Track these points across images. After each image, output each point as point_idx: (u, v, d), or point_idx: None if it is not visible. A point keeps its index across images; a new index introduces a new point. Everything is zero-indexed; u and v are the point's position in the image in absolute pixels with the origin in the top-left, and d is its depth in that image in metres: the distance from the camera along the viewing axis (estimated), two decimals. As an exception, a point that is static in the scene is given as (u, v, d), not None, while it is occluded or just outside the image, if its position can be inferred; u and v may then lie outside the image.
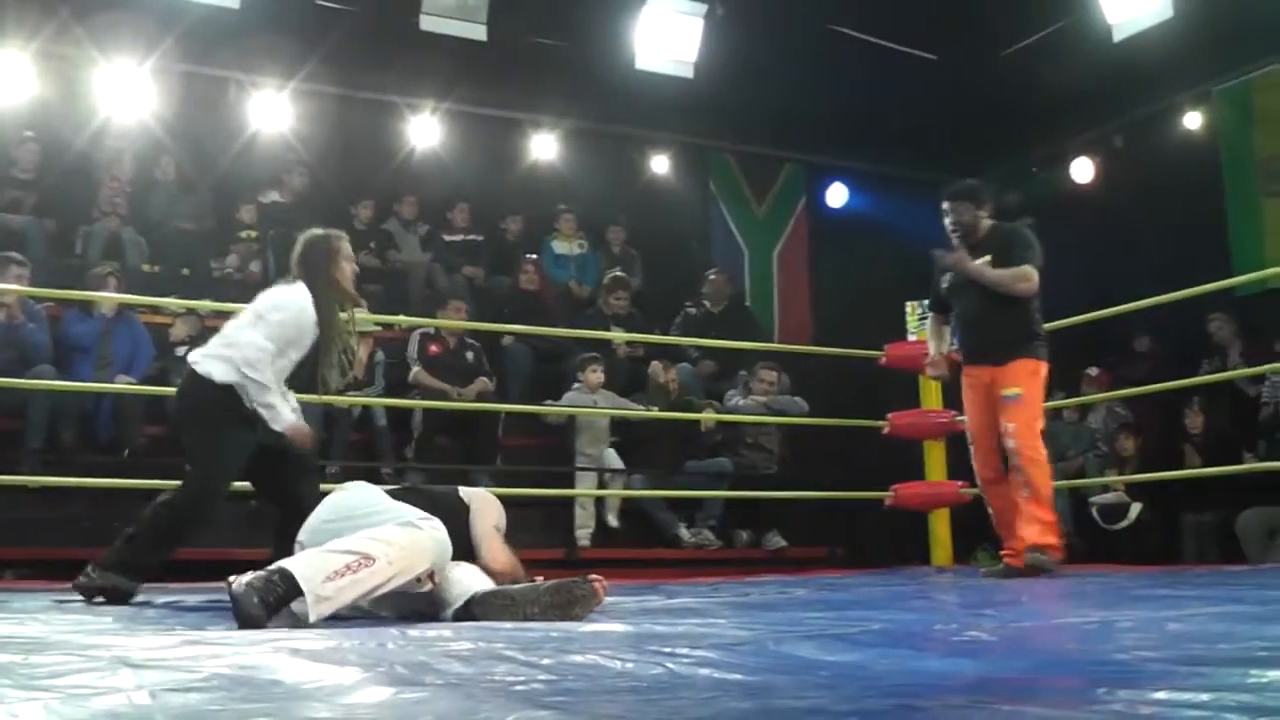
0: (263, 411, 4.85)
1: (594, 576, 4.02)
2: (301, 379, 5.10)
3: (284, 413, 4.91)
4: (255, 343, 4.86)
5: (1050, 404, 9.70)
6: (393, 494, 4.08)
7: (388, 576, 3.56)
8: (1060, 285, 10.95)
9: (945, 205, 6.52)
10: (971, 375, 6.43)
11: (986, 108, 11.13)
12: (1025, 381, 6.17)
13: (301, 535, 3.91)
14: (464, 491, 4.34)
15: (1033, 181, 12.66)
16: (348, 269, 5.19)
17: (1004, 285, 6.21)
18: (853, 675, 2.30)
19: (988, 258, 6.28)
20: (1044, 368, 6.32)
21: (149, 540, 4.92)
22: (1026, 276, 6.23)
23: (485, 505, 4.27)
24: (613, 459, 8.93)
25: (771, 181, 12.99)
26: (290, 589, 3.39)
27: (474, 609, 3.64)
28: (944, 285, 6.58)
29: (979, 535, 10.00)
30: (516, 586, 3.72)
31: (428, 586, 3.73)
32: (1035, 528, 6.15)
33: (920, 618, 3.71)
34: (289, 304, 4.99)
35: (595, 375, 9.02)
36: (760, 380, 9.61)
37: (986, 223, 6.46)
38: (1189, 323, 9.36)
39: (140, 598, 4.89)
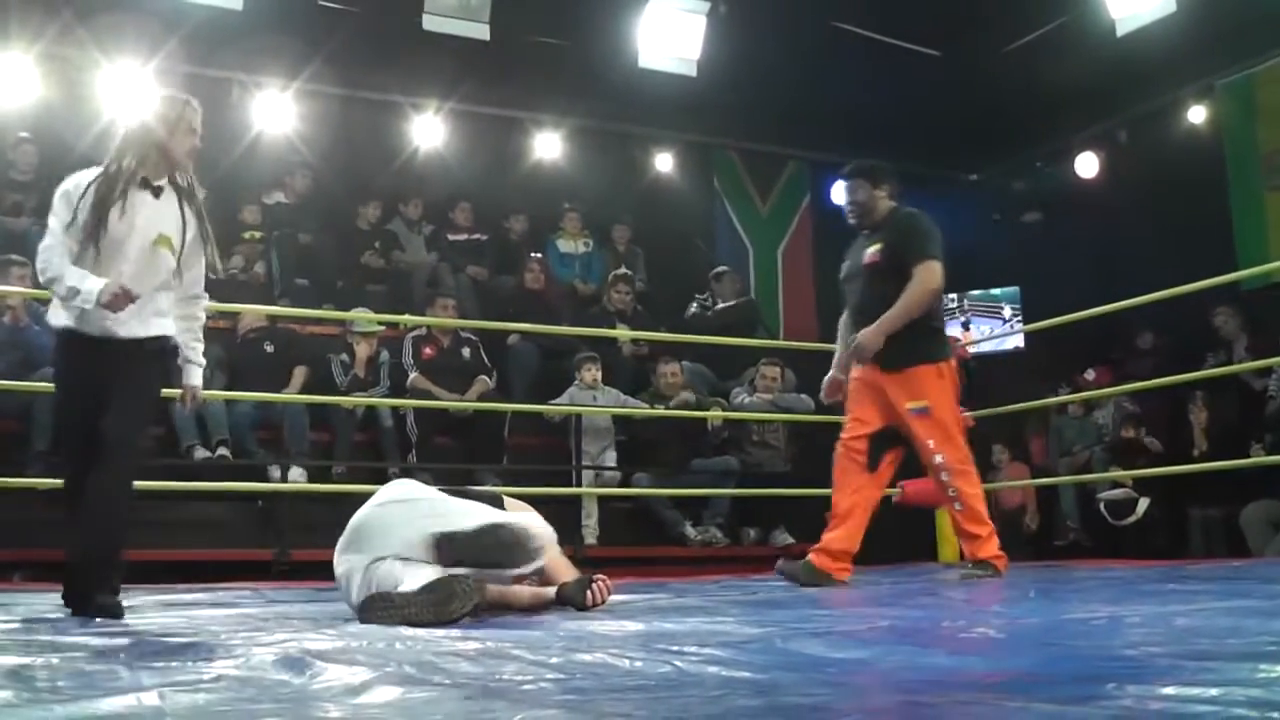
0: (74, 302, 4.28)
1: (599, 576, 4.03)
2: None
3: (88, 285, 4.24)
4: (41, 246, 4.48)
5: (1056, 399, 9.74)
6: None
7: None
8: (1065, 280, 11.04)
9: (842, 183, 6.07)
10: (862, 373, 5.79)
11: (990, 104, 11.12)
12: (931, 391, 5.62)
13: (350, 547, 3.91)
14: (509, 503, 4.24)
15: (1037, 177, 12.67)
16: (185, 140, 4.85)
17: (914, 310, 5.54)
18: (860, 672, 2.30)
19: (877, 246, 5.68)
20: (948, 368, 5.75)
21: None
22: (927, 284, 5.57)
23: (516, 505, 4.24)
24: (611, 461, 8.96)
25: (775, 179, 12.98)
26: None
27: (361, 614, 3.60)
28: (843, 269, 6.01)
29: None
30: (397, 590, 3.57)
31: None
32: (975, 543, 5.86)
33: (927, 614, 3.71)
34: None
35: (590, 373, 9.03)
36: (762, 377, 9.61)
37: (886, 204, 5.86)
38: (1194, 317, 9.35)
39: (148, 598, 4.90)
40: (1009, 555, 6.11)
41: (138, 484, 7.14)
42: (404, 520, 3.80)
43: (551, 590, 4.01)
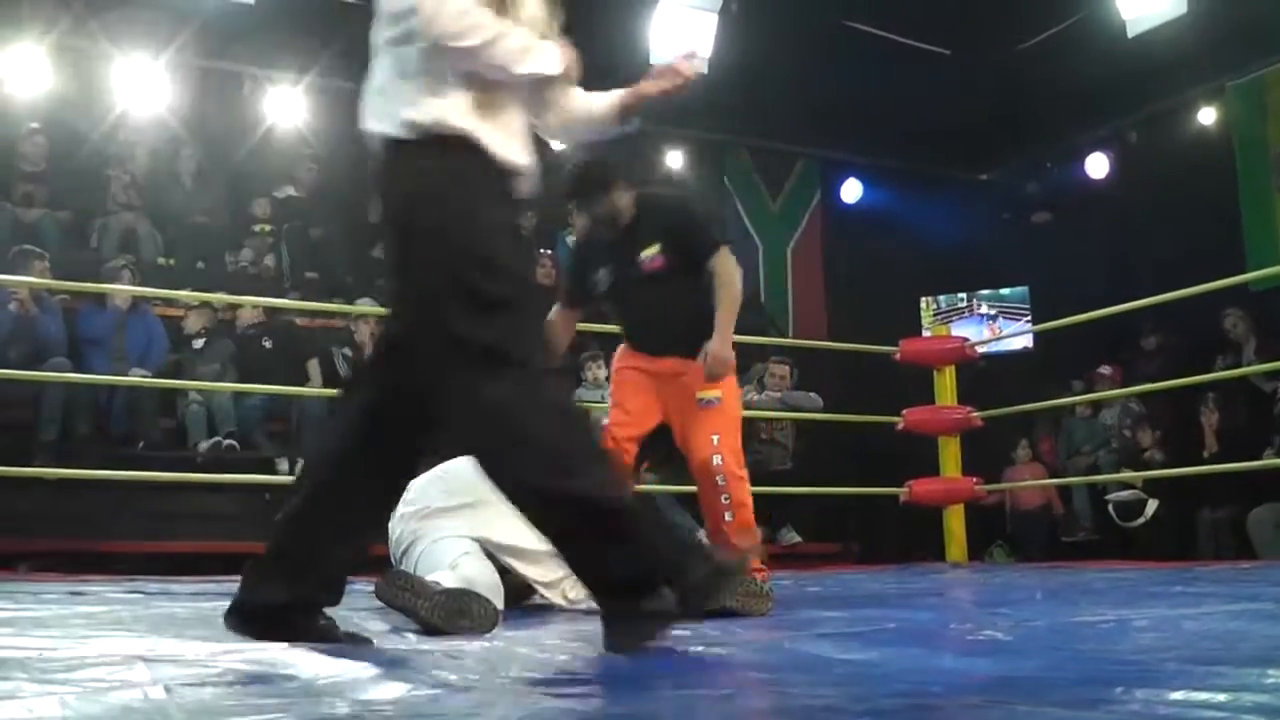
0: None
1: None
2: None
3: None
4: None
5: (1065, 400, 9.73)
6: None
7: None
8: (1075, 281, 11.03)
9: (570, 206, 4.97)
10: (645, 363, 4.90)
11: (1001, 103, 11.12)
12: (725, 385, 4.79)
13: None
14: None
15: (1047, 177, 12.65)
16: None
17: (735, 311, 4.72)
18: (868, 674, 2.30)
19: (655, 249, 4.72)
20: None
21: None
22: (736, 272, 4.76)
23: None
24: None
25: (786, 177, 12.98)
26: None
27: (381, 581, 3.44)
28: (598, 282, 4.92)
29: (994, 532, 10.02)
30: (424, 578, 3.43)
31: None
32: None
33: (935, 616, 3.71)
34: None
35: (596, 371, 9.01)
36: (771, 374, 9.60)
37: (627, 198, 4.79)
38: (1204, 319, 9.33)
39: (155, 590, 4.90)
40: (1030, 555, 5.93)
41: (143, 474, 7.24)
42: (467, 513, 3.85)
43: None
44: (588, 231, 4.88)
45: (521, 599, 4.02)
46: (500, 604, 3.52)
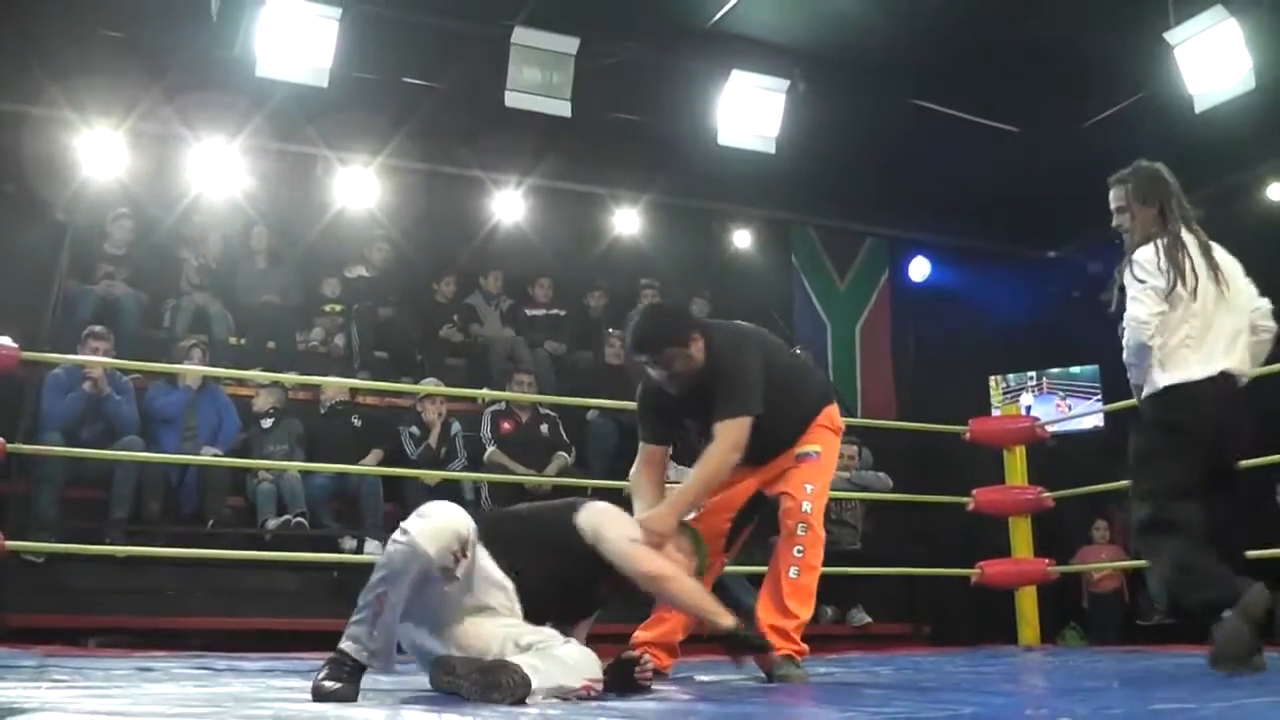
0: None
1: (645, 656, 3.94)
2: None
3: None
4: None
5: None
6: (489, 519, 4.02)
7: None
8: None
9: (644, 359, 4.56)
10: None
11: (1069, 180, 11.04)
12: (824, 439, 4.89)
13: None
14: (581, 520, 3.91)
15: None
16: None
17: (701, 488, 4.55)
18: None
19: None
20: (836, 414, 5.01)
21: None
22: (719, 452, 4.47)
23: (607, 522, 3.95)
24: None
25: (854, 255, 12.96)
26: None
27: (430, 672, 3.54)
28: (689, 429, 4.82)
29: (1067, 614, 9.87)
30: (459, 656, 3.48)
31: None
32: (790, 626, 4.74)
33: (1009, 701, 3.64)
34: None
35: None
36: (841, 455, 9.54)
37: (700, 352, 4.51)
38: (1274, 398, 9.18)
39: (223, 667, 4.90)
40: (1104, 638, 5.87)
41: (213, 551, 7.31)
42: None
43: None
44: (663, 382, 4.56)
45: None
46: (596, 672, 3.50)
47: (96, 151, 9.71)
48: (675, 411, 4.71)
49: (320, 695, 3.31)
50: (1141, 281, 5.00)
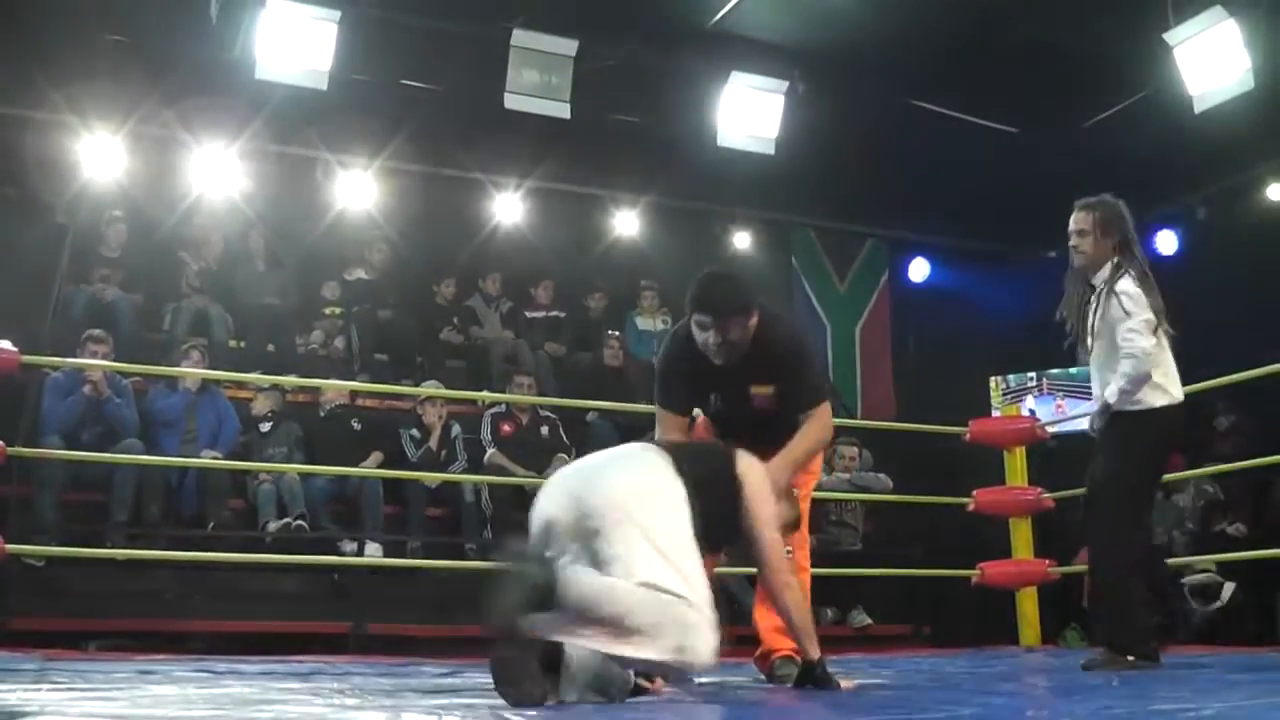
0: None
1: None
2: None
3: None
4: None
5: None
6: (673, 450, 3.87)
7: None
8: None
9: (707, 320, 4.34)
10: None
11: (1068, 180, 11.01)
12: (802, 484, 4.74)
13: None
14: (741, 471, 3.90)
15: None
16: None
17: (810, 448, 4.53)
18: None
19: (769, 390, 4.47)
20: None
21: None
22: (819, 427, 4.51)
23: (763, 495, 3.93)
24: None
25: (853, 256, 12.96)
26: None
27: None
28: (710, 404, 4.67)
29: (1068, 614, 9.85)
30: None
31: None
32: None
33: (1009, 703, 3.64)
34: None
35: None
36: (840, 456, 9.57)
37: (753, 329, 4.38)
38: (1276, 398, 9.19)
39: (224, 670, 4.90)
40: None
41: (213, 554, 7.31)
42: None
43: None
44: (703, 349, 4.38)
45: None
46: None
47: (97, 155, 9.73)
48: (704, 382, 4.54)
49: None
50: (1129, 314, 5.37)
